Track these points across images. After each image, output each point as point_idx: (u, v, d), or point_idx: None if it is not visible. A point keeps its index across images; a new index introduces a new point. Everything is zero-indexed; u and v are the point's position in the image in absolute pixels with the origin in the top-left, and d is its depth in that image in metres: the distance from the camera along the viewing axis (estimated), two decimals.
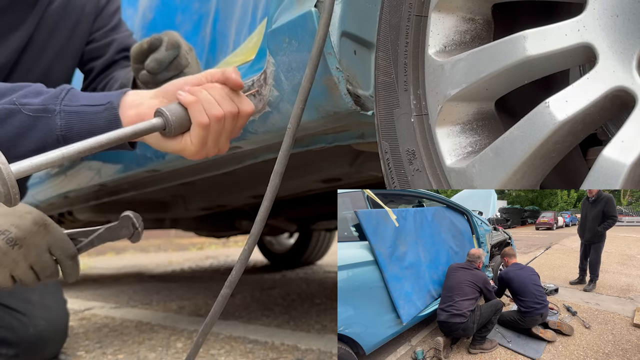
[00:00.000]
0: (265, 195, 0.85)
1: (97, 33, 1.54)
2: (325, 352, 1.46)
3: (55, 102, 0.98)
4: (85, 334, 1.89)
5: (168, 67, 1.20)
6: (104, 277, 4.05)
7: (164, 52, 1.18)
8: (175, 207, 2.75)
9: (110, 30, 1.54)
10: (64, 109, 0.98)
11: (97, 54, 1.53)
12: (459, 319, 1.14)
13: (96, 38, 1.53)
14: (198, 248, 7.14)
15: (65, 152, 0.83)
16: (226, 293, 0.85)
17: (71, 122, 0.97)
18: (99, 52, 1.53)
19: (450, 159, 0.77)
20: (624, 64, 0.59)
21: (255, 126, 1.13)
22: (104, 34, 1.54)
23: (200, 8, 1.47)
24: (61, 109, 0.98)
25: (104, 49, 1.52)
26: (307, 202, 2.86)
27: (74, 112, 0.98)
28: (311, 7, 0.92)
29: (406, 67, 0.83)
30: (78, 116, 0.98)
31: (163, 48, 1.19)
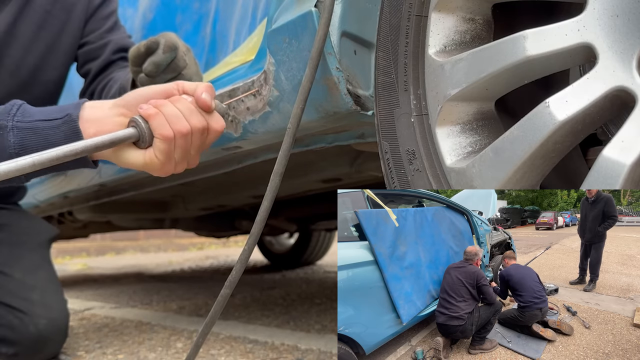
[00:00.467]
0: (265, 195, 0.85)
1: (92, 35, 1.53)
2: (325, 352, 1.46)
3: (7, 119, 0.91)
4: (85, 334, 1.89)
5: (166, 70, 1.20)
6: (104, 277, 4.05)
7: (161, 55, 1.18)
8: (175, 207, 2.75)
9: (106, 32, 1.54)
10: (17, 125, 0.90)
11: (93, 55, 1.53)
12: (456, 321, 1.14)
13: (91, 40, 1.53)
14: (198, 248, 7.14)
15: (37, 159, 0.80)
16: (226, 293, 0.85)
17: (25, 139, 0.90)
18: (95, 54, 1.53)
19: (450, 159, 0.77)
20: (624, 64, 0.59)
21: (255, 126, 1.13)
22: (99, 36, 1.53)
23: (200, 8, 1.48)
24: (14, 125, 0.90)
25: (99, 50, 1.52)
26: (307, 202, 2.86)
27: (28, 128, 0.90)
28: (311, 7, 0.92)
29: (406, 67, 0.83)
30: (33, 132, 0.91)
31: (160, 51, 1.18)
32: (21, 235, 1.59)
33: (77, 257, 6.40)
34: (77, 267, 5.16)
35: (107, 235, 6.88)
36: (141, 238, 8.03)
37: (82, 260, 6.07)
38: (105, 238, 7.45)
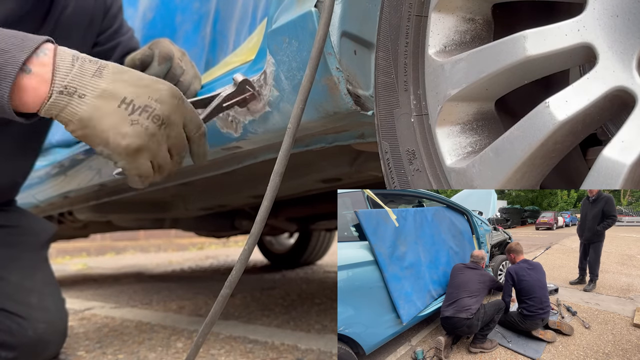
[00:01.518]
0: (265, 195, 0.85)
1: (102, 36, 1.50)
2: (325, 352, 1.46)
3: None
4: (85, 334, 1.89)
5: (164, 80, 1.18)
6: (104, 277, 4.05)
7: (157, 67, 1.16)
8: (175, 207, 2.75)
9: (114, 32, 1.51)
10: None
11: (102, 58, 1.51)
12: (465, 314, 1.14)
13: (101, 41, 1.50)
14: (198, 248, 7.14)
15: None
16: (226, 293, 0.85)
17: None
18: (104, 56, 1.51)
19: (450, 159, 0.77)
20: (624, 63, 0.59)
21: (255, 126, 1.13)
22: (109, 37, 1.50)
23: (201, 8, 1.47)
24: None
25: (109, 52, 1.49)
26: (307, 202, 2.86)
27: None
28: (311, 7, 0.92)
29: (406, 67, 0.83)
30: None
31: (155, 63, 1.16)
32: (18, 237, 1.57)
33: (77, 257, 6.40)
34: (77, 267, 5.16)
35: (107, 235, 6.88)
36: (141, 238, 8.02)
37: (82, 260, 6.08)
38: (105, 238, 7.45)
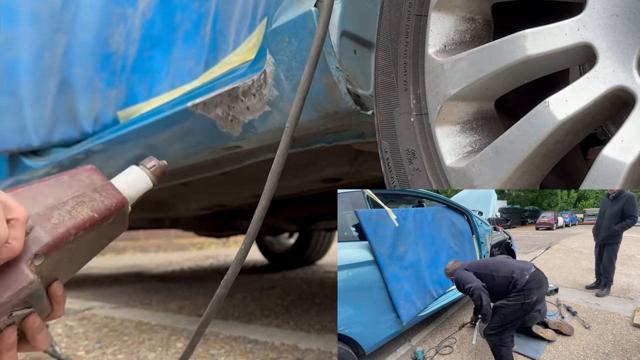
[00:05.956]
0: (263, 195, 0.85)
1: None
2: (325, 352, 1.46)
3: None
4: (85, 334, 1.89)
5: None
6: (104, 277, 4.05)
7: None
8: (175, 207, 2.75)
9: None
10: None
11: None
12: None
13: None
14: (198, 248, 7.14)
15: None
16: (222, 293, 0.84)
17: None
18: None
19: (450, 158, 0.76)
20: (624, 63, 0.59)
21: (255, 125, 1.13)
22: None
23: (200, 7, 1.47)
24: None
25: None
26: (307, 202, 2.86)
27: None
28: (311, 6, 0.92)
29: (406, 66, 0.83)
30: None
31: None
32: None
33: None
34: None
35: None
36: (141, 238, 8.02)
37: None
38: None
